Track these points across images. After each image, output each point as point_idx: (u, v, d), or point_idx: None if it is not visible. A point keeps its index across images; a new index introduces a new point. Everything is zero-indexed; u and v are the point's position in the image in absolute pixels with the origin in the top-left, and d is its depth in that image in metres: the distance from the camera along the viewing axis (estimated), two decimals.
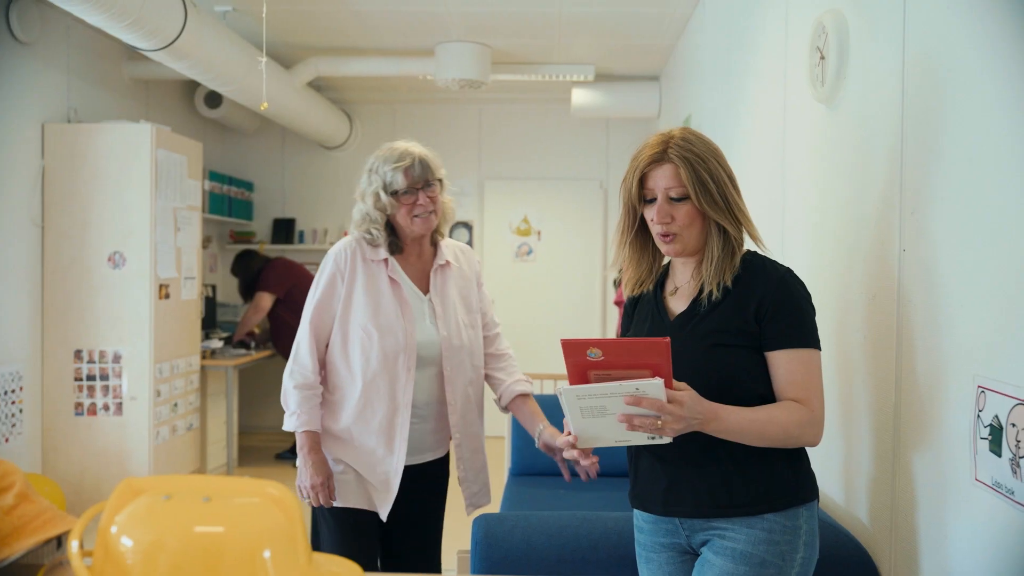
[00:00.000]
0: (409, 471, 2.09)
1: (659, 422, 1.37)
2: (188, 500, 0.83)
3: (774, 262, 1.58)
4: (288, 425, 2.07)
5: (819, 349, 1.53)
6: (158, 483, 0.85)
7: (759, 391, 1.50)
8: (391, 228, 2.12)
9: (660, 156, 1.54)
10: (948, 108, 1.54)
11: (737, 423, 1.45)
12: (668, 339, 1.37)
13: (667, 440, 1.40)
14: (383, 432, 2.06)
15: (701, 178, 1.51)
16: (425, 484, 2.19)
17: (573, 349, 1.42)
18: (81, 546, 0.86)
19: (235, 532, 0.82)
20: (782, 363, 1.50)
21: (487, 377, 2.26)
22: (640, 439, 1.41)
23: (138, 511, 0.82)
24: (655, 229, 1.57)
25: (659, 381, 1.35)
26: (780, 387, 1.51)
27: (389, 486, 2.07)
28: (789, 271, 1.56)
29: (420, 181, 2.06)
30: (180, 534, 0.81)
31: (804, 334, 1.51)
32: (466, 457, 2.20)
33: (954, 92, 1.52)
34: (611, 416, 1.39)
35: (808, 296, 1.54)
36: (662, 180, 1.54)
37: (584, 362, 1.42)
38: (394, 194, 2.05)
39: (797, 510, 1.51)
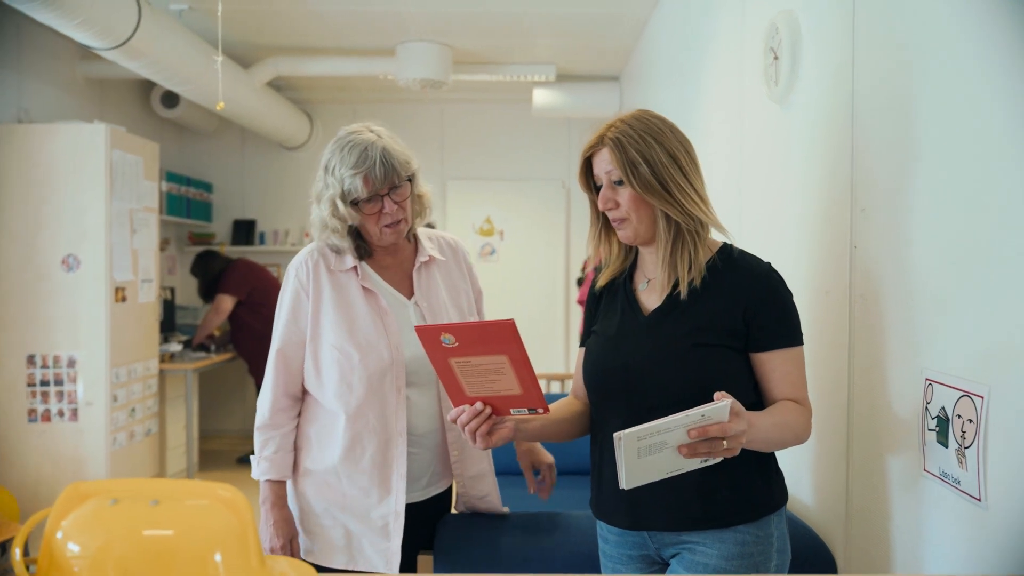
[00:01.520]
0: (408, 511, 1.82)
1: (725, 443, 1.24)
2: (136, 504, 0.81)
3: (755, 256, 1.52)
4: (252, 472, 1.84)
5: (803, 343, 1.49)
6: (105, 487, 0.83)
7: (741, 398, 1.34)
8: (356, 232, 1.82)
9: (599, 140, 1.49)
10: (895, 109, 1.57)
11: (765, 430, 1.36)
12: (512, 320, 1.31)
13: (719, 459, 1.28)
14: (376, 469, 1.78)
15: (631, 159, 1.44)
16: (429, 525, 1.94)
17: (428, 335, 1.37)
18: (26, 553, 0.84)
19: (185, 535, 0.81)
20: (777, 364, 1.45)
21: None
22: (693, 464, 1.28)
23: (84, 516, 0.81)
24: (609, 216, 1.52)
25: (727, 403, 1.24)
26: (775, 388, 1.45)
27: (389, 532, 1.78)
28: (770, 266, 1.50)
29: (384, 186, 1.73)
30: (128, 539, 0.80)
31: (795, 332, 1.47)
32: (467, 478, 1.94)
33: (901, 94, 1.55)
34: (670, 449, 1.26)
35: (789, 290, 1.50)
36: (602, 164, 1.48)
37: (441, 349, 1.37)
38: (354, 203, 1.74)
39: (768, 518, 1.46)
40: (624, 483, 1.28)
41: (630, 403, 1.48)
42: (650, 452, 1.26)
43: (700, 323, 1.45)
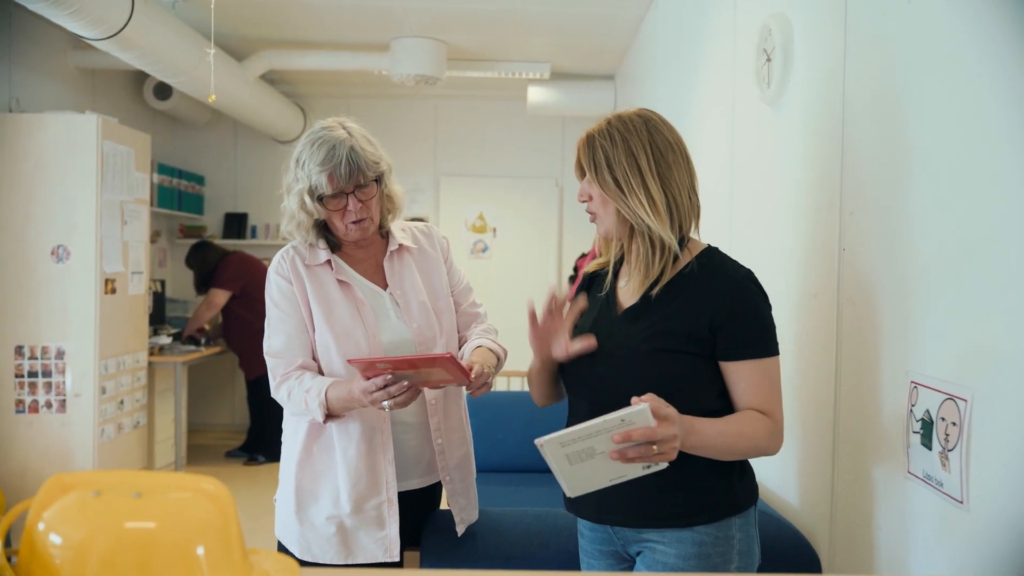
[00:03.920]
0: (403, 499, 1.82)
1: (655, 448, 1.23)
2: (119, 496, 0.81)
3: (734, 262, 1.49)
4: (317, 414, 1.72)
5: (778, 354, 1.46)
6: (88, 478, 0.83)
7: (701, 404, 1.37)
8: (324, 226, 1.84)
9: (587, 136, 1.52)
10: (886, 112, 1.58)
11: (711, 438, 1.35)
12: (451, 354, 1.48)
13: (664, 466, 1.26)
14: (363, 458, 1.78)
15: (596, 158, 1.45)
16: (419, 518, 1.94)
17: (366, 368, 1.55)
18: (8, 544, 0.84)
19: (167, 528, 0.80)
20: (744, 375, 1.42)
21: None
22: (636, 471, 1.27)
23: (67, 507, 0.80)
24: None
25: (644, 407, 1.21)
26: (741, 398, 1.43)
27: (383, 522, 1.78)
28: (749, 274, 1.46)
29: (349, 184, 1.74)
30: (110, 531, 0.79)
31: (765, 343, 1.44)
32: (452, 467, 1.89)
33: (891, 98, 1.56)
34: (601, 455, 1.24)
35: (767, 299, 1.46)
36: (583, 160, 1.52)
37: (377, 371, 1.55)
38: (320, 199, 1.75)
39: (730, 520, 1.45)
40: (567, 490, 1.29)
41: (593, 399, 1.49)
42: (581, 459, 1.24)
43: (664, 327, 1.43)
